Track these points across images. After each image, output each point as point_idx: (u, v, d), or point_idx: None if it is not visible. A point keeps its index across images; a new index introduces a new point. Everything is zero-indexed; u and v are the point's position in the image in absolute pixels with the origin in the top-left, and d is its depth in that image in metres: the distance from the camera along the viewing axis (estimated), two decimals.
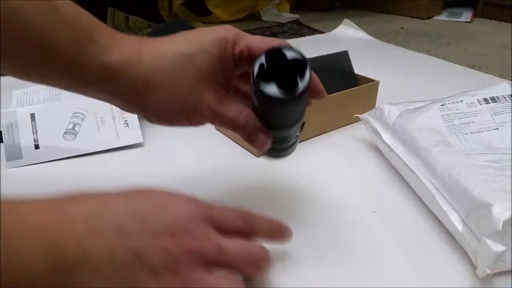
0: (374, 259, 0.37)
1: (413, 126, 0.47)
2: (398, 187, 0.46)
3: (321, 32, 1.29)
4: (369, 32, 1.20)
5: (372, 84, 0.62)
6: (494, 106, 0.47)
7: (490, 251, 0.32)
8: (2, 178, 0.48)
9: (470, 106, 0.47)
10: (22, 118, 0.54)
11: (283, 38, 1.09)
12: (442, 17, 1.55)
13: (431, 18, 1.54)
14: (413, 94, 0.63)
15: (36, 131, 0.53)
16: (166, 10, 1.43)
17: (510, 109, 0.46)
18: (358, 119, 0.56)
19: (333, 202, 0.44)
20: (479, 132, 0.44)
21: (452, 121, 0.46)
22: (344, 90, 0.58)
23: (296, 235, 0.39)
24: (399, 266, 0.36)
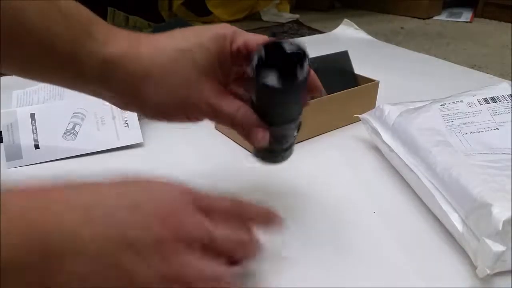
0: (374, 259, 0.37)
1: (413, 126, 0.47)
2: (398, 187, 0.46)
3: (321, 32, 1.29)
4: (369, 32, 1.20)
5: (372, 84, 0.62)
6: (494, 106, 0.47)
7: (490, 251, 0.32)
8: (2, 178, 0.48)
9: (470, 106, 0.47)
10: (22, 118, 0.54)
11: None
12: (442, 17, 1.55)
13: (431, 18, 1.54)
14: (413, 94, 0.62)
15: (36, 131, 0.53)
16: (166, 10, 1.43)
17: (510, 109, 0.46)
18: (358, 119, 0.56)
19: (333, 202, 0.44)
20: (479, 132, 0.44)
21: (452, 121, 0.46)
22: (344, 90, 0.58)
23: (296, 235, 0.39)
24: (399, 266, 0.36)
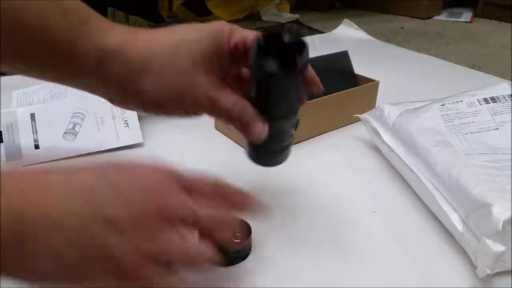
0: (374, 259, 0.37)
1: (413, 126, 0.47)
2: (398, 187, 0.46)
3: (321, 32, 1.29)
4: (369, 32, 1.20)
5: (372, 84, 0.62)
6: (494, 106, 0.47)
7: (490, 251, 0.32)
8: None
9: (470, 106, 0.47)
10: (22, 118, 0.54)
11: None
12: (442, 17, 1.55)
13: (431, 18, 1.54)
14: (413, 94, 0.62)
15: (36, 131, 0.53)
16: (166, 10, 1.43)
17: (510, 109, 0.46)
18: (358, 119, 0.56)
19: (333, 202, 0.44)
20: (479, 132, 0.44)
21: (452, 121, 0.46)
22: (344, 90, 0.58)
23: (296, 235, 0.39)
24: (399, 266, 0.36)
